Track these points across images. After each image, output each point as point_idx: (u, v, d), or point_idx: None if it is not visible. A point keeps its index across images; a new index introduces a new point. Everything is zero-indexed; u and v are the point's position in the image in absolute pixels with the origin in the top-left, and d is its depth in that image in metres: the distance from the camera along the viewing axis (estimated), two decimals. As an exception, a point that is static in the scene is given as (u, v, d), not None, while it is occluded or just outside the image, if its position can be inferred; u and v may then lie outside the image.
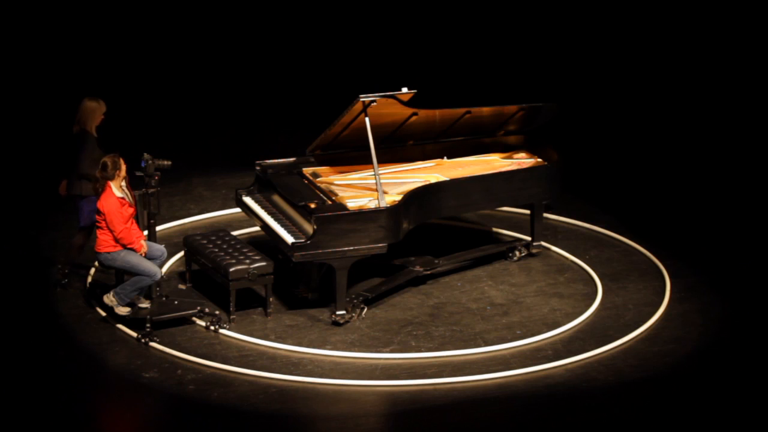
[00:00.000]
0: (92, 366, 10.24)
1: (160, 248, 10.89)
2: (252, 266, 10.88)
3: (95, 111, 11.41)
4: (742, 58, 16.40)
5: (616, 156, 15.39)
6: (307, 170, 11.93)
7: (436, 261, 11.93)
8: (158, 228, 12.88)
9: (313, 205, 11.03)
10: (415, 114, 11.82)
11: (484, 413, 9.75)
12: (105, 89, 16.99)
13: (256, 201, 11.70)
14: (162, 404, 9.78)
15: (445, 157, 12.37)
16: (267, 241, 11.52)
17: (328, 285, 11.05)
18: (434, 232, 12.70)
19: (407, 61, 17.59)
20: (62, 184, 11.50)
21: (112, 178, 10.56)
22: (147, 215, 10.92)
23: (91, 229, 11.28)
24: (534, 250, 12.37)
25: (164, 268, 11.95)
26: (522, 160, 12.33)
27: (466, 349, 10.63)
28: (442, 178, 11.75)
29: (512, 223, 13.16)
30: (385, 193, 11.22)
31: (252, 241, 12.00)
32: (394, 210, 10.98)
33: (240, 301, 11.03)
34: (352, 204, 11.18)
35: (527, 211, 12.38)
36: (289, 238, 10.97)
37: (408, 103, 11.49)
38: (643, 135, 15.98)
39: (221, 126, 16.25)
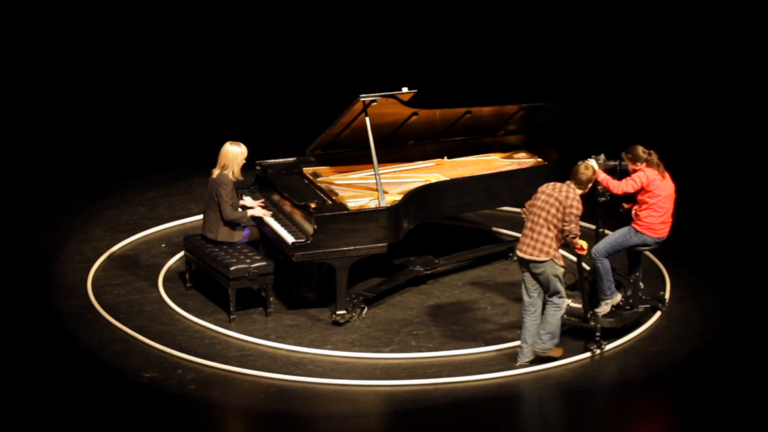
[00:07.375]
0: (92, 366, 10.23)
1: None
2: (252, 266, 10.88)
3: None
4: (742, 59, 16.39)
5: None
6: (308, 170, 11.93)
7: (436, 261, 11.92)
8: (158, 228, 12.93)
9: (313, 205, 11.02)
10: (415, 114, 11.82)
11: (484, 413, 9.74)
12: (106, 89, 17.06)
13: (257, 201, 11.69)
14: (162, 404, 9.77)
15: (446, 157, 12.37)
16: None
17: (329, 285, 11.05)
18: (434, 232, 12.69)
19: (407, 61, 17.58)
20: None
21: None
22: None
23: None
24: (534, 250, 12.35)
25: (163, 269, 11.95)
26: (522, 160, 12.33)
27: (466, 349, 10.62)
28: (442, 177, 11.74)
29: (512, 223, 13.15)
30: (385, 192, 11.22)
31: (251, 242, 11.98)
32: (395, 210, 10.97)
33: (240, 301, 11.02)
34: (353, 204, 11.18)
35: (527, 211, 12.37)
36: (290, 238, 10.96)
37: (408, 103, 11.49)
38: (643, 135, 15.94)
39: (222, 126, 16.22)
